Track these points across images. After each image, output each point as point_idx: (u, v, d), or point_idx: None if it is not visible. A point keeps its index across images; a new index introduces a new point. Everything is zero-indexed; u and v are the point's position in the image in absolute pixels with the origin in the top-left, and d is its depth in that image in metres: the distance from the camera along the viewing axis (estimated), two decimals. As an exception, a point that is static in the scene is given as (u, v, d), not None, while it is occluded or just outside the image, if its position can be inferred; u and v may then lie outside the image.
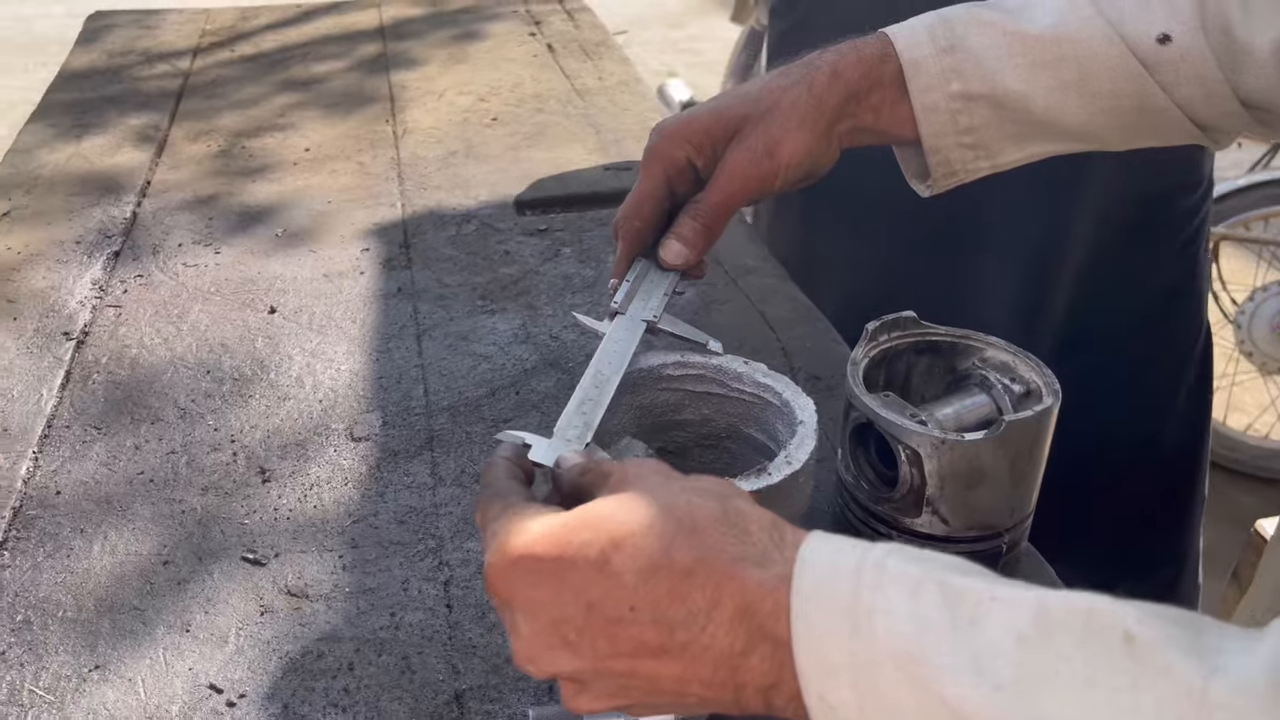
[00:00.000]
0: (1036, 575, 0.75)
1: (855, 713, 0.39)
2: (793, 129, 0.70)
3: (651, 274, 0.73)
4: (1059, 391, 0.70)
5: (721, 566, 0.42)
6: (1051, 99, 0.71)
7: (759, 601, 0.41)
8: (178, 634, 0.70)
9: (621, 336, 0.67)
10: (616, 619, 0.43)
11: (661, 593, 0.42)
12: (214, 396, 0.94)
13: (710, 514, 0.44)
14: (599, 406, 0.61)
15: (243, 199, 1.29)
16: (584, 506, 0.46)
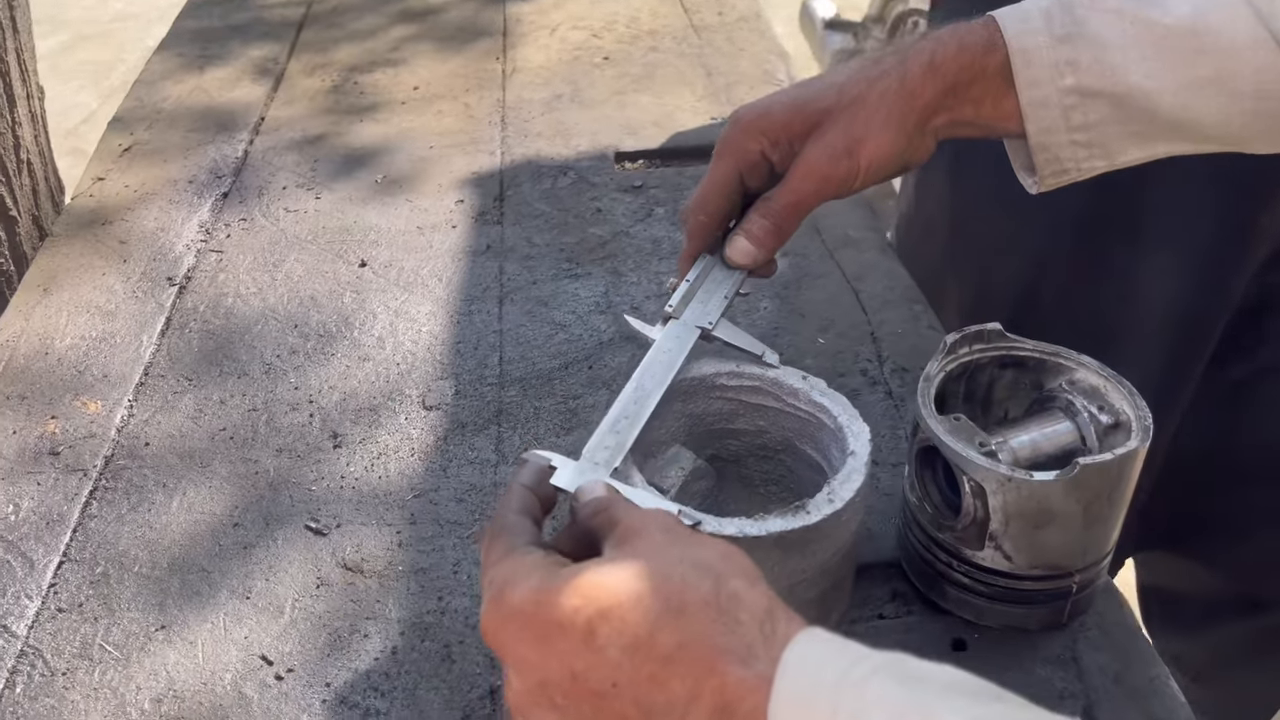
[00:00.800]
0: (1112, 613, 0.70)
1: None
2: (878, 127, 0.64)
3: (715, 272, 0.70)
4: (1150, 429, 0.63)
5: (704, 657, 0.40)
6: (1183, 98, 0.63)
7: (738, 701, 0.39)
8: (239, 600, 0.73)
9: (671, 346, 0.64)
10: (600, 692, 0.42)
11: (643, 676, 0.41)
12: (298, 353, 0.96)
13: (702, 596, 0.42)
14: (635, 425, 0.59)
15: (348, 140, 1.30)
16: (580, 570, 0.44)
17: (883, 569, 0.74)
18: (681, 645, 0.40)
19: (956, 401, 0.72)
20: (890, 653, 0.40)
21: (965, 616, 0.69)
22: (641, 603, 0.41)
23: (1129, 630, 0.69)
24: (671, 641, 0.41)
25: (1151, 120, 0.65)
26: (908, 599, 0.72)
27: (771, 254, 0.69)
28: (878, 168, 0.65)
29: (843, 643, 0.40)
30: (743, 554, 0.45)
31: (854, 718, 0.37)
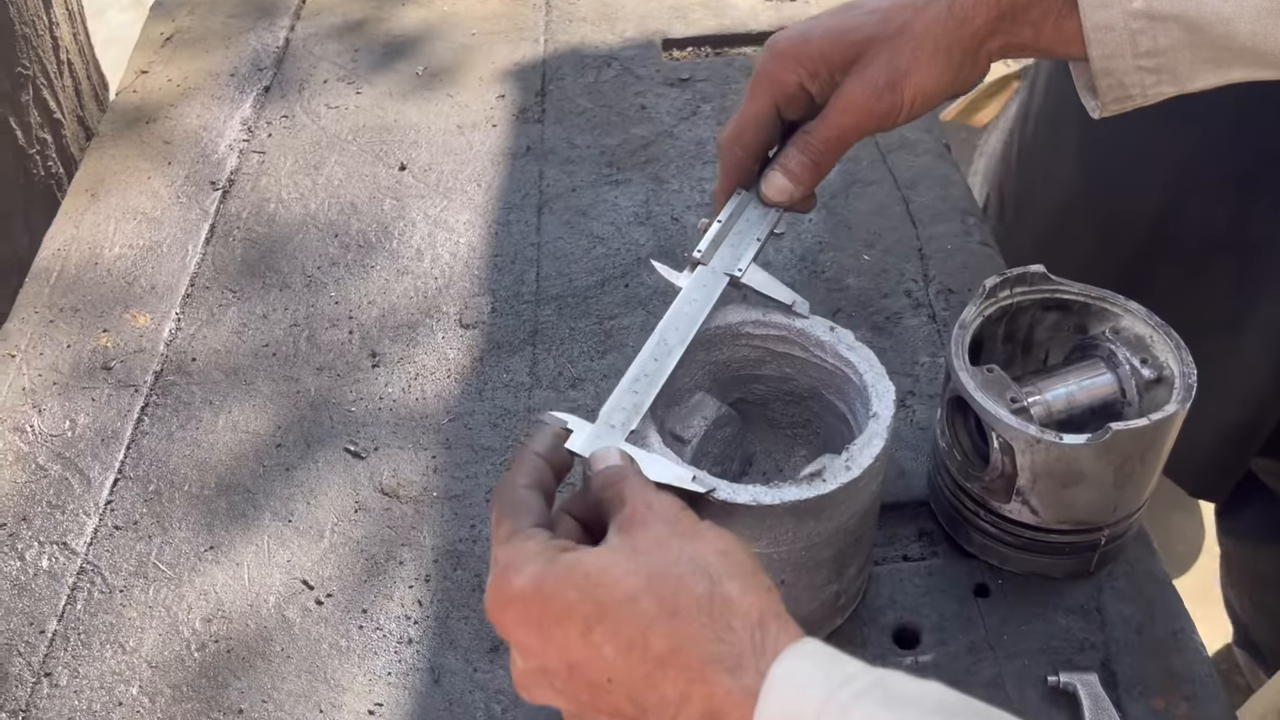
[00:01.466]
0: (1143, 562, 0.69)
1: None
2: (925, 59, 0.60)
3: (750, 211, 0.67)
4: (1193, 387, 0.61)
5: (695, 664, 0.41)
6: (1263, 24, 0.58)
7: (725, 711, 0.40)
8: (281, 523, 0.76)
9: (697, 296, 0.63)
10: (596, 684, 0.43)
11: (637, 675, 0.42)
12: (339, 264, 0.96)
13: (696, 600, 0.42)
14: (654, 385, 0.58)
15: (389, 26, 1.26)
16: (578, 561, 0.44)
17: (912, 507, 0.74)
18: (674, 650, 0.41)
19: (995, 345, 0.70)
20: (878, 671, 0.40)
21: (990, 561, 0.69)
22: (637, 604, 0.42)
23: (1158, 580, 0.68)
24: (665, 645, 0.41)
25: (1228, 46, 0.59)
26: (934, 539, 0.72)
27: (809, 190, 0.66)
28: (923, 102, 0.62)
29: (832, 660, 0.41)
30: (743, 550, 0.45)
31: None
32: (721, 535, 0.46)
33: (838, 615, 0.66)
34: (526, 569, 0.45)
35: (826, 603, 0.63)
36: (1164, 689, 0.63)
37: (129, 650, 0.69)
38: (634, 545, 0.45)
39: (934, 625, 0.67)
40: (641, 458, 0.53)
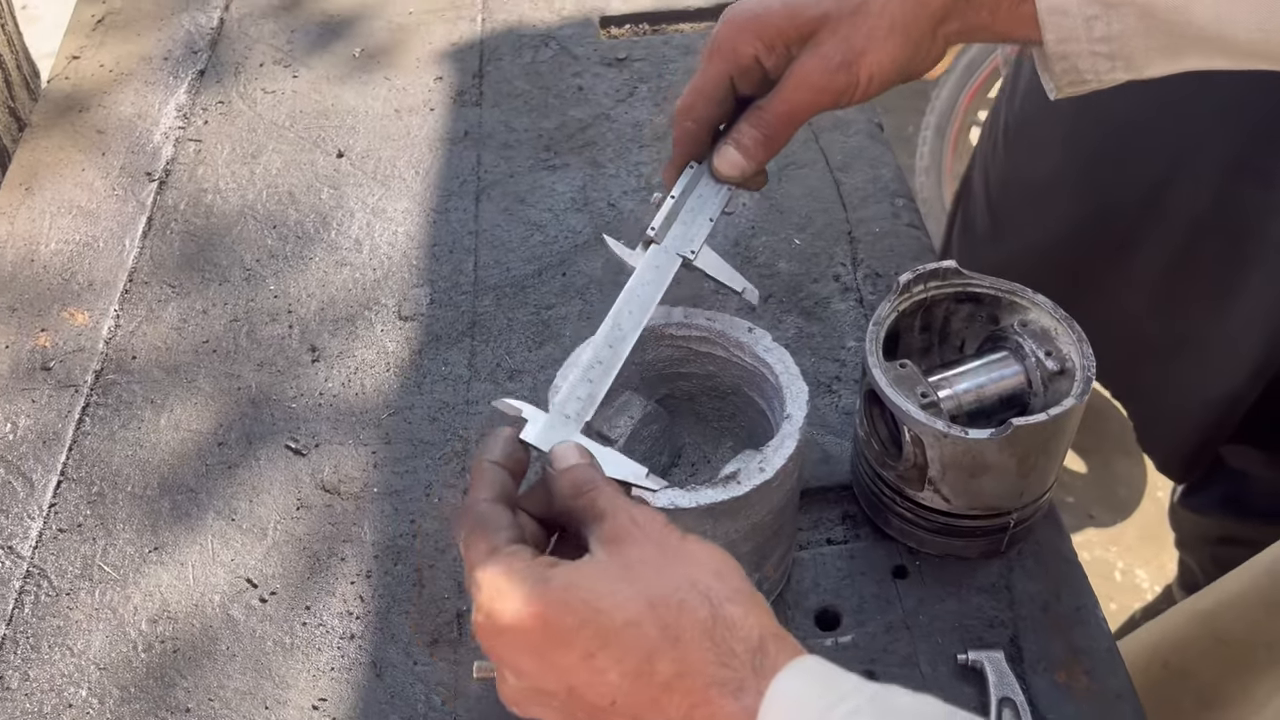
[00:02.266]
0: (1050, 542, 0.73)
1: None
2: (881, 37, 0.60)
3: (701, 187, 0.66)
4: (1091, 379, 0.64)
5: (699, 688, 0.42)
6: (1220, 9, 0.58)
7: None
8: (225, 521, 0.78)
9: (651, 278, 0.63)
10: (598, 707, 0.44)
11: (643, 700, 0.43)
12: (277, 257, 0.97)
13: (699, 623, 0.43)
14: (609, 373, 0.59)
15: (325, 5, 1.25)
16: (573, 581, 0.44)
17: (837, 491, 0.77)
18: (679, 675, 0.42)
19: (913, 334, 0.72)
20: (874, 686, 0.41)
21: (908, 544, 0.72)
22: (640, 629, 0.43)
23: (1065, 559, 0.72)
24: (670, 670, 0.42)
25: (1183, 34, 0.60)
26: (857, 521, 0.75)
27: (761, 165, 0.66)
28: (879, 81, 0.62)
29: (828, 676, 0.42)
30: (734, 568, 0.46)
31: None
32: (712, 553, 0.46)
33: (762, 601, 0.69)
34: (517, 593, 0.44)
35: (749, 592, 0.66)
36: (1066, 664, 0.67)
37: (77, 653, 0.71)
38: (626, 564, 0.45)
39: (854, 607, 0.70)
40: (599, 453, 0.53)
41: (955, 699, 0.64)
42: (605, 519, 0.47)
